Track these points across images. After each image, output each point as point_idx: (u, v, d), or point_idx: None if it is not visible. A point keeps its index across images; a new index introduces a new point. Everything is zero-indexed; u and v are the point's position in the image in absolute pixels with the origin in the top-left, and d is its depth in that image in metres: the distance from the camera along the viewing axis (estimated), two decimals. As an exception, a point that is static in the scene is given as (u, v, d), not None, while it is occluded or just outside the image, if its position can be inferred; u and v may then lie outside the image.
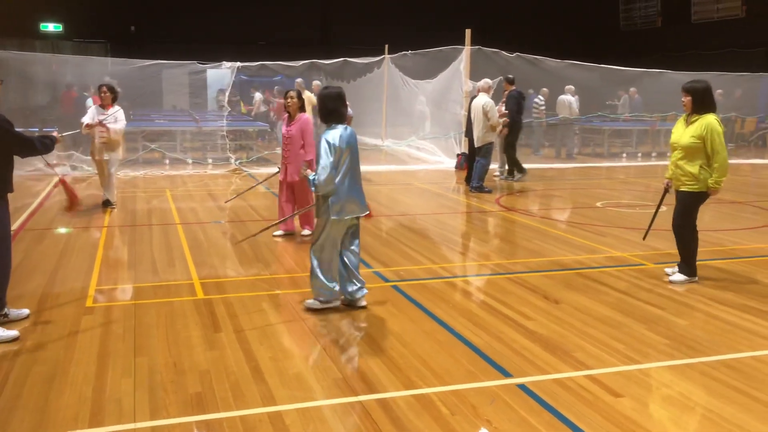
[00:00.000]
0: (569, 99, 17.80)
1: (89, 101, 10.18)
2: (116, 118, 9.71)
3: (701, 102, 6.26)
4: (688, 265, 6.57)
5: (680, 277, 6.56)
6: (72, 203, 6.09)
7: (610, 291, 6.24)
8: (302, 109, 8.04)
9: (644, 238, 7.37)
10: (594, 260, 7.38)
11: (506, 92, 13.65)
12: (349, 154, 5.34)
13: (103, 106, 9.75)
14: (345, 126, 5.42)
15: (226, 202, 7.17)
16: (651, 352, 4.83)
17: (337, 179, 5.27)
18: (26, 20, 24.38)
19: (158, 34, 25.58)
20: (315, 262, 5.50)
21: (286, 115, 8.07)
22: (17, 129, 5.05)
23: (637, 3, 29.64)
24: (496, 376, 4.38)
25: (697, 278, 6.56)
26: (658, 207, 6.99)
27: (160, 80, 17.47)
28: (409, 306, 5.76)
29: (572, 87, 17.84)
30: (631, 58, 21.51)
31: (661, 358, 4.73)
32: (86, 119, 9.72)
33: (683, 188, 6.43)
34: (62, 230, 8.52)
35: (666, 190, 6.79)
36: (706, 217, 9.94)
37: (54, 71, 17.01)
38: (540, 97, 18.57)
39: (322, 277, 5.49)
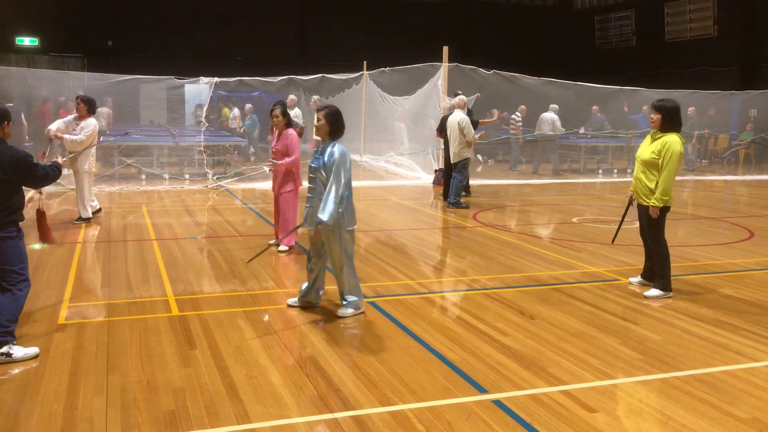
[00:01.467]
0: (552, 117, 18.00)
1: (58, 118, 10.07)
2: (82, 128, 9.58)
3: (670, 120, 6.38)
4: (663, 278, 6.63)
5: (655, 292, 6.62)
6: (45, 237, 5.96)
7: (585, 306, 6.28)
8: (288, 125, 8.12)
9: (613, 242, 7.68)
10: (569, 275, 7.44)
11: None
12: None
13: (80, 118, 9.70)
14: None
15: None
16: (625, 366, 4.87)
17: (346, 192, 5.66)
18: (2, 34, 24.17)
19: (136, 48, 25.48)
20: (349, 279, 5.84)
21: (275, 131, 8.22)
22: None
23: (612, 22, 30.13)
24: (471, 392, 4.38)
25: (671, 293, 6.63)
26: (623, 217, 7.16)
27: (138, 95, 17.38)
28: (385, 322, 5.75)
29: (556, 106, 18.08)
30: (606, 75, 21.86)
31: (634, 372, 4.76)
32: (51, 126, 9.65)
33: (643, 202, 6.59)
34: (36, 246, 8.41)
35: (630, 203, 6.97)
36: (680, 232, 10.09)
37: (30, 85, 16.85)
38: (517, 113, 18.77)
39: (358, 288, 5.92)
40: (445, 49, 15.06)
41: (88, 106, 9.73)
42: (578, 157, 19.27)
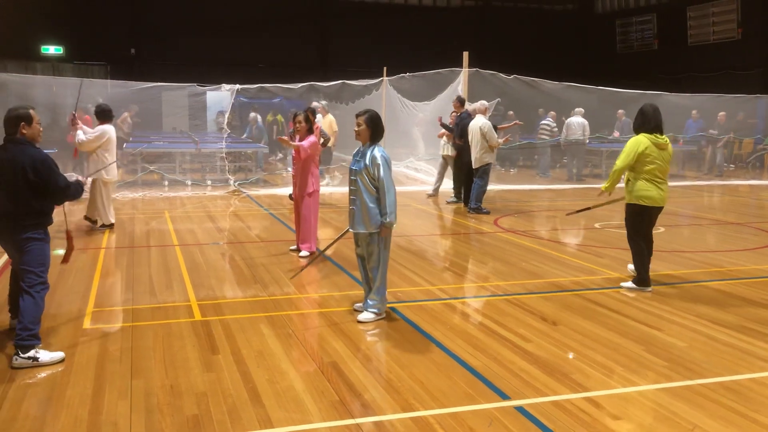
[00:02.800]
0: (583, 121, 17.87)
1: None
2: (93, 132, 9.67)
3: (634, 122, 7.01)
4: (639, 274, 6.96)
5: (629, 284, 7.00)
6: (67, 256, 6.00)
7: (609, 312, 6.23)
8: (310, 131, 8.22)
9: (568, 214, 7.91)
10: (592, 281, 7.38)
11: (455, 113, 13.46)
12: None
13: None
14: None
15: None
16: (649, 373, 4.82)
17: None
18: (28, 43, 24.55)
19: (158, 56, 25.75)
20: (381, 282, 5.87)
21: (297, 137, 8.30)
22: None
23: (633, 26, 29.91)
24: (494, 399, 4.36)
25: (650, 288, 6.89)
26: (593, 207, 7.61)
27: (160, 102, 17.57)
28: (407, 328, 5.75)
29: (582, 109, 17.93)
30: (627, 80, 21.70)
31: (659, 379, 4.71)
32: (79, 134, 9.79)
33: (626, 200, 7.07)
34: (60, 252, 8.50)
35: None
36: (705, 238, 9.97)
37: (54, 93, 17.10)
38: (549, 119, 18.67)
39: (385, 292, 5.97)
40: (465, 54, 15.04)
41: (99, 115, 9.90)
42: (600, 162, 19.13)
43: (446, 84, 15.91)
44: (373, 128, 5.89)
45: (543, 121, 18.95)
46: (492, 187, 13.76)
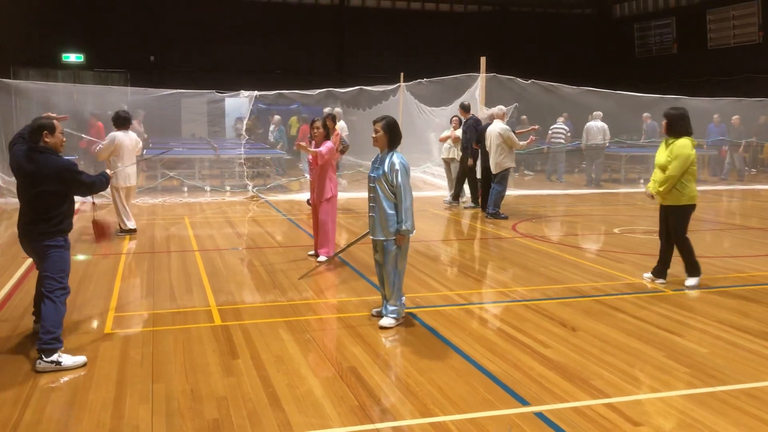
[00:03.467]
0: (602, 125, 17.78)
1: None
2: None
3: (675, 125, 7.06)
4: (693, 266, 7.24)
5: (693, 280, 7.24)
6: (102, 237, 6.35)
7: (629, 318, 6.19)
8: (327, 137, 8.23)
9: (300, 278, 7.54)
10: (612, 287, 7.33)
11: (455, 117, 13.52)
12: None
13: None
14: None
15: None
16: (671, 380, 4.78)
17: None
18: (49, 51, 24.90)
19: (177, 63, 25.99)
20: (396, 288, 5.88)
21: (313, 142, 8.28)
22: None
23: (652, 30, 29.73)
24: (513, 405, 4.35)
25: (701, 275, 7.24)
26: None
27: (179, 109, 17.72)
28: (425, 333, 5.74)
29: (600, 113, 17.85)
30: (646, 84, 21.57)
31: (681, 386, 4.67)
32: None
33: (668, 203, 7.18)
34: (81, 257, 8.61)
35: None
36: (726, 243, 9.88)
37: (75, 100, 17.32)
38: (561, 122, 18.59)
39: (402, 297, 5.98)
40: (483, 59, 15.03)
41: (113, 122, 10.14)
42: (619, 167, 19.00)
43: (463, 89, 15.89)
44: (391, 134, 5.89)
45: (555, 126, 18.86)
46: (509, 192, 13.72)
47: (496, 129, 11.97)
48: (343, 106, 19.08)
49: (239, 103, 18.24)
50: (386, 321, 5.86)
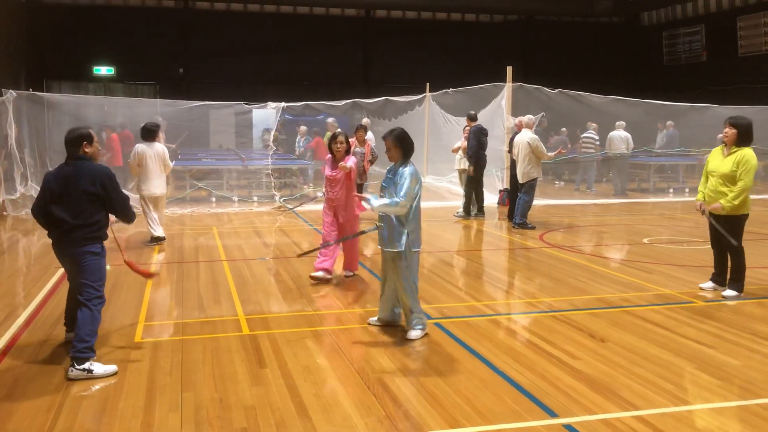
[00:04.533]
0: (625, 134, 17.65)
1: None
2: None
3: (744, 135, 6.96)
4: (740, 279, 7.19)
5: (732, 292, 7.16)
6: (146, 276, 6.68)
7: (659, 329, 6.11)
8: (348, 152, 7.80)
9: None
10: (641, 298, 7.25)
11: (467, 128, 13.39)
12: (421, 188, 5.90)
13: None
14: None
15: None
16: (702, 392, 4.70)
17: (414, 204, 5.77)
18: (80, 64, 25.38)
19: (206, 75, 26.32)
20: (412, 299, 5.86)
21: (329, 156, 7.84)
22: None
23: (681, 37, 29.43)
24: (541, 416, 4.31)
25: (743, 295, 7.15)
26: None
27: (208, 120, 17.94)
28: (452, 344, 5.73)
29: (623, 123, 17.72)
30: (675, 92, 21.34)
31: (712, 399, 4.60)
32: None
33: (723, 212, 7.01)
34: (110, 267, 8.72)
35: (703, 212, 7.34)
36: (758, 253, 9.69)
37: (106, 112, 17.63)
38: (592, 132, 18.48)
39: (420, 307, 5.94)
40: (509, 69, 15.01)
41: (140, 134, 10.35)
42: (648, 176, 18.81)
43: (490, 99, 15.88)
44: (402, 146, 5.87)
45: (585, 134, 18.74)
46: (537, 202, 13.64)
47: (525, 138, 11.92)
48: (369, 117, 19.18)
49: (267, 114, 18.42)
50: (413, 333, 5.84)
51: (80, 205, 5.09)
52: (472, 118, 13.34)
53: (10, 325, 6.16)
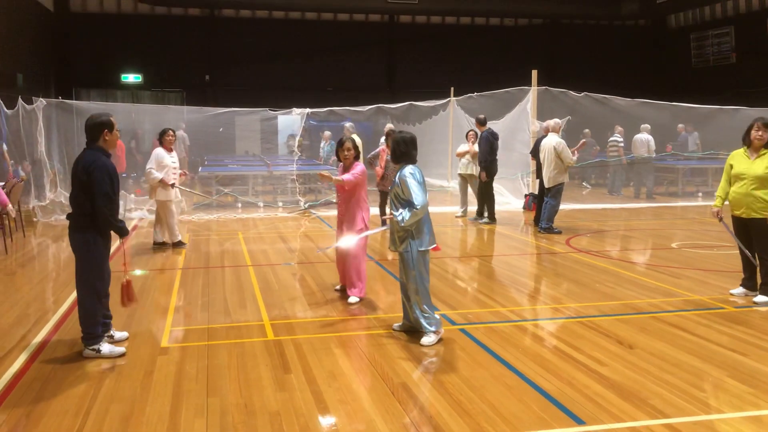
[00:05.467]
0: (647, 137, 17.48)
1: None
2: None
3: None
4: None
5: (763, 298, 7.00)
6: (128, 301, 5.91)
7: (688, 336, 6.01)
8: (357, 158, 7.35)
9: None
10: (670, 303, 7.14)
11: (472, 132, 13.39)
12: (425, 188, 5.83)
13: (169, 150, 10.16)
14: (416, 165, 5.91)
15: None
16: (733, 400, 4.61)
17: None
18: (109, 72, 25.75)
19: (231, 82, 26.53)
20: (419, 302, 5.83)
21: (340, 164, 7.43)
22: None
23: (709, 39, 29.02)
24: (568, 424, 4.26)
25: None
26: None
27: (233, 126, 18.08)
28: (477, 350, 5.69)
29: (648, 126, 17.53)
30: (704, 95, 21.01)
31: (744, 407, 4.50)
32: (162, 173, 9.92)
33: (757, 215, 6.88)
34: (138, 272, 8.82)
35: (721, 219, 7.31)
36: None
37: (134, 119, 17.86)
38: (617, 135, 18.30)
39: (429, 311, 5.86)
40: (534, 72, 14.92)
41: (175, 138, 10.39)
42: (677, 180, 18.56)
43: (515, 103, 15.79)
44: (394, 149, 5.90)
45: (611, 138, 18.57)
46: (563, 206, 13.53)
47: (551, 142, 11.83)
48: (393, 122, 19.18)
49: (291, 120, 18.51)
50: (426, 339, 5.78)
51: (75, 192, 5.31)
52: (482, 122, 13.26)
53: (40, 330, 6.24)
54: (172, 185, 10.05)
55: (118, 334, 5.86)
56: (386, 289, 7.80)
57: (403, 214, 5.72)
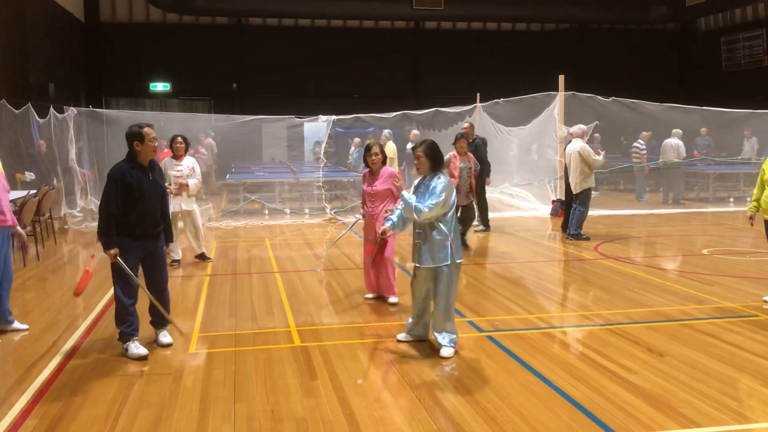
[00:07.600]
0: (677, 142, 17.25)
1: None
2: (194, 170, 9.58)
3: None
4: None
5: None
6: (78, 290, 5.89)
7: (720, 344, 5.90)
8: (384, 162, 7.30)
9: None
10: (701, 311, 7.02)
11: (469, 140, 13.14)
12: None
13: (177, 158, 9.59)
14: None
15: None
16: (767, 409, 4.51)
17: (449, 214, 5.60)
18: (138, 81, 26.17)
19: (258, 90, 26.78)
20: (448, 313, 5.70)
21: (366, 170, 7.36)
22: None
23: (740, 42, 28.60)
24: (597, 432, 4.20)
25: None
26: None
27: (260, 134, 18.22)
28: (504, 357, 5.64)
29: (679, 131, 17.30)
30: (735, 99, 20.72)
31: (779, 417, 4.41)
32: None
33: None
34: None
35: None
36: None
37: (162, 127, 18.06)
38: (640, 141, 18.09)
39: (453, 323, 5.77)
40: (561, 77, 14.82)
41: (187, 146, 9.68)
42: (707, 185, 18.29)
43: (542, 108, 15.70)
44: (432, 157, 5.68)
45: (633, 144, 18.38)
46: (591, 212, 13.39)
47: (575, 148, 11.73)
48: (419, 128, 19.18)
49: (317, 127, 18.60)
50: (446, 351, 5.66)
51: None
52: (472, 129, 13.02)
53: (71, 336, 6.33)
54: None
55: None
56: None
57: (423, 207, 5.46)
